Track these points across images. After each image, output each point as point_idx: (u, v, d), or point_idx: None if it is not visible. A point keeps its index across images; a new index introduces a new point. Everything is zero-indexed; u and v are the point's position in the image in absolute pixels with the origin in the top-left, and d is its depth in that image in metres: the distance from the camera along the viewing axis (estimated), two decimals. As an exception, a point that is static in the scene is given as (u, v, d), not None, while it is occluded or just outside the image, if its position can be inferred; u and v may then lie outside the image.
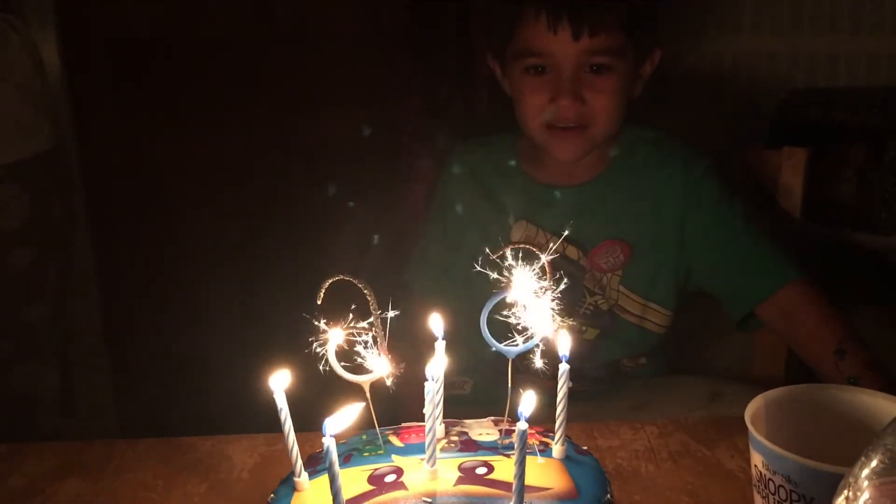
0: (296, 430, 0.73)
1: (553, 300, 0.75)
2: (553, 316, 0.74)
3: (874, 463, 0.48)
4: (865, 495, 0.47)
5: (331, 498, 0.62)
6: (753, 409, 0.71)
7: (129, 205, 1.73)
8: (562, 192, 1.33)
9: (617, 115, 1.26)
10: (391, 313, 0.72)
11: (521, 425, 0.63)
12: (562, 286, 0.75)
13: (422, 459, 0.72)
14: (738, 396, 1.15)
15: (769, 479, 0.67)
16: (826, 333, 1.19)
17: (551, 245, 1.28)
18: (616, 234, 1.30)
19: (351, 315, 0.72)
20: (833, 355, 1.15)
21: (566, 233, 1.29)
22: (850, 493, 0.48)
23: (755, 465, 0.69)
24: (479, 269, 0.76)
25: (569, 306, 1.29)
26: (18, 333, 1.40)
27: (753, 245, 1.27)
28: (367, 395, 0.74)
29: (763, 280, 1.25)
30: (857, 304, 1.66)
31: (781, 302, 1.24)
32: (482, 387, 1.34)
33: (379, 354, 0.73)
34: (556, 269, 1.29)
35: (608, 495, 0.72)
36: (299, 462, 0.73)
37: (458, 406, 0.88)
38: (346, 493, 0.68)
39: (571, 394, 1.26)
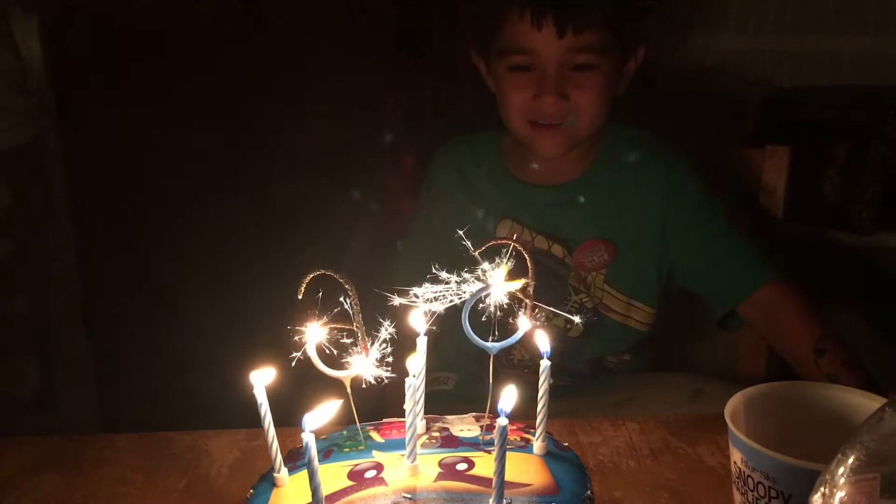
0: (276, 426, 0.73)
1: (534, 297, 0.74)
2: (536, 313, 0.74)
3: (851, 460, 0.48)
4: (842, 492, 0.47)
5: (310, 493, 0.62)
6: (733, 406, 0.72)
7: (113, 198, 1.71)
8: (545, 192, 1.33)
9: (601, 112, 1.26)
10: (385, 332, 0.71)
11: (502, 421, 0.63)
12: (540, 283, 0.74)
13: (402, 455, 0.72)
14: (719, 393, 1.15)
15: (748, 476, 0.67)
16: (805, 332, 1.19)
17: (533, 241, 1.29)
18: (600, 234, 1.30)
19: (329, 311, 0.71)
20: (812, 353, 1.16)
21: (550, 231, 1.30)
22: (827, 490, 0.48)
23: (735, 462, 0.70)
24: (474, 252, 0.75)
25: (554, 304, 1.30)
26: None
27: (733, 245, 1.27)
28: (348, 390, 0.73)
29: (743, 279, 1.26)
30: (839, 303, 1.68)
31: (761, 301, 1.25)
32: (465, 382, 1.34)
33: (360, 350, 0.72)
34: (541, 267, 1.30)
35: (588, 491, 0.72)
36: (279, 457, 0.72)
37: (441, 401, 0.88)
38: (326, 488, 0.67)
39: (554, 389, 1.25)
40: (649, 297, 1.32)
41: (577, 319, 0.94)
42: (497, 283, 0.73)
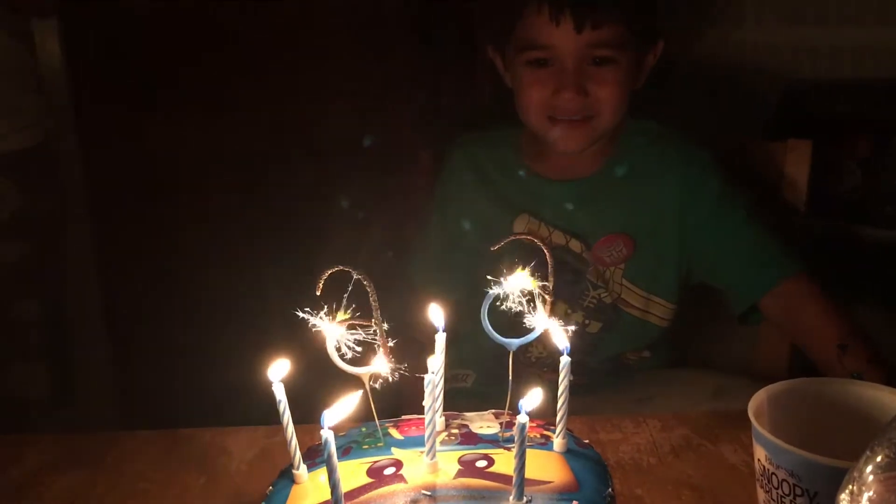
0: (295, 423, 0.73)
1: (552, 293, 0.74)
2: (554, 309, 0.73)
3: (879, 457, 0.47)
4: (870, 490, 0.46)
5: (329, 490, 0.62)
6: (756, 402, 0.71)
7: (130, 197, 1.72)
8: (563, 186, 1.32)
9: (620, 106, 1.25)
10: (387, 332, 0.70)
11: (522, 418, 0.63)
12: (558, 279, 0.74)
13: (421, 452, 0.71)
14: (742, 391, 1.14)
15: (772, 474, 0.66)
16: (828, 328, 1.18)
17: (551, 237, 1.28)
18: (618, 228, 1.29)
19: (349, 307, 0.71)
20: (835, 349, 1.14)
21: (568, 226, 1.29)
22: (855, 488, 0.47)
23: (758, 460, 0.69)
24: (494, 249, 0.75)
25: (572, 300, 1.29)
26: (10, 330, 1.40)
27: (755, 238, 1.26)
28: (367, 387, 0.73)
29: (764, 273, 1.24)
30: (862, 299, 1.66)
31: (783, 296, 1.23)
32: (484, 380, 1.34)
33: (378, 346, 0.72)
34: (559, 263, 1.29)
35: (609, 489, 0.71)
36: (298, 454, 0.72)
37: (460, 399, 0.87)
38: (345, 485, 0.67)
39: (573, 387, 1.24)
40: (668, 292, 1.31)
41: (571, 328, 0.76)
42: (514, 279, 0.73)
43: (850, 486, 0.48)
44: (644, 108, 1.31)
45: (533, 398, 0.65)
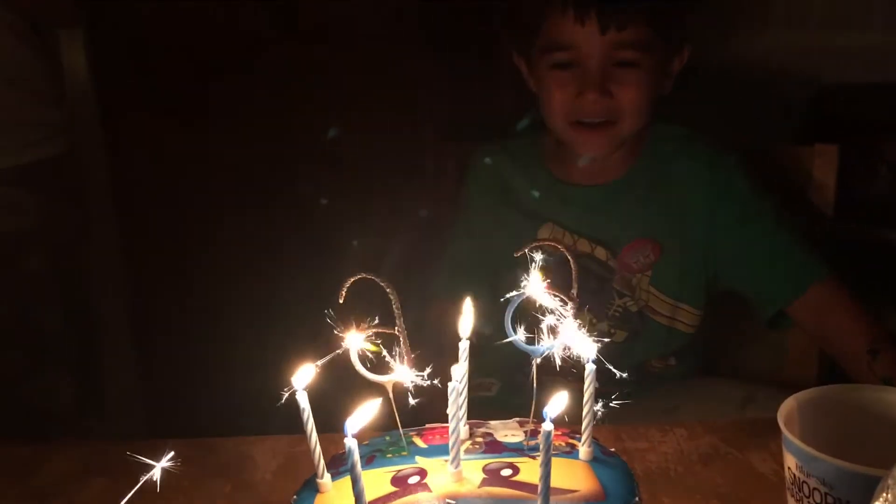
0: (319, 432, 0.72)
1: (577, 299, 0.73)
2: (579, 318, 0.73)
3: (914, 465, 0.46)
4: (905, 499, 0.45)
5: (353, 499, 0.61)
6: (786, 410, 0.70)
7: (156, 206, 1.73)
8: (589, 191, 1.31)
9: (644, 110, 1.24)
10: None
11: (547, 426, 0.62)
12: (582, 288, 0.73)
13: (446, 461, 0.71)
14: (770, 402, 1.12)
15: (803, 482, 0.65)
16: (858, 333, 1.16)
17: (576, 245, 1.27)
18: (645, 233, 1.28)
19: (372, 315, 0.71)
20: (866, 354, 1.13)
21: (593, 233, 1.28)
22: (890, 496, 0.46)
23: (789, 468, 0.68)
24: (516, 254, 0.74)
25: (597, 309, 1.28)
26: (34, 339, 1.41)
27: (783, 243, 1.24)
28: (391, 395, 0.73)
29: (793, 278, 1.23)
30: (891, 304, 1.63)
31: (812, 301, 1.22)
32: (509, 389, 1.33)
33: (402, 354, 0.72)
34: (584, 271, 1.28)
35: (636, 497, 0.70)
36: (322, 463, 0.72)
37: (484, 408, 0.87)
38: (369, 494, 0.67)
39: (599, 396, 1.23)
40: (695, 298, 1.30)
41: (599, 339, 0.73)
42: (535, 285, 0.72)
43: (885, 495, 0.47)
44: (670, 111, 1.30)
45: (557, 403, 0.64)
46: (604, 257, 1.28)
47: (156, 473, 0.69)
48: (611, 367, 0.72)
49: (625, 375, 0.73)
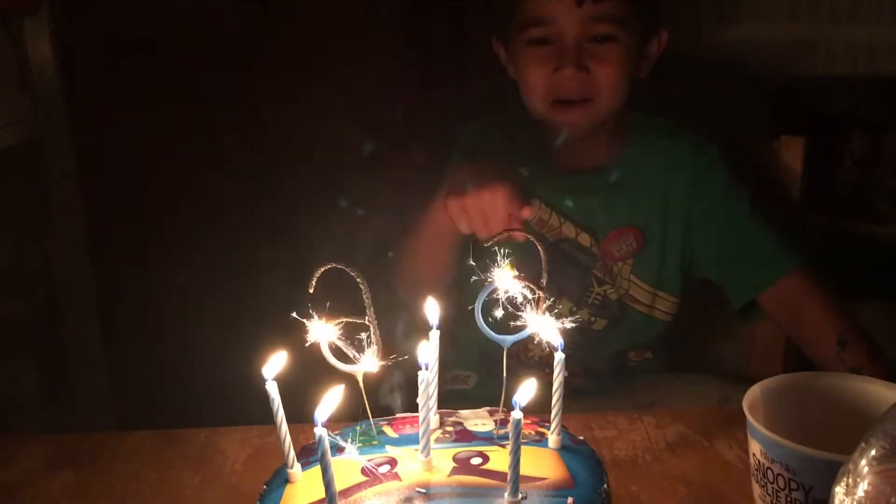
0: (290, 422, 0.72)
1: (547, 289, 0.73)
2: (551, 307, 0.73)
3: (874, 450, 0.47)
4: (865, 482, 0.46)
5: (323, 489, 0.61)
6: (751, 397, 0.71)
7: (122, 197, 1.71)
8: (575, 178, 1.31)
9: (621, 90, 1.24)
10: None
11: (516, 414, 0.62)
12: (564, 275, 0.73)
13: (416, 450, 0.71)
14: None
15: (768, 468, 0.66)
16: (828, 323, 1.18)
17: (561, 228, 1.27)
18: (629, 222, 1.29)
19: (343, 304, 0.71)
20: (835, 345, 1.14)
21: (579, 218, 1.28)
22: (850, 480, 0.47)
23: (753, 454, 0.69)
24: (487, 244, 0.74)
25: (577, 297, 1.29)
26: None
27: (758, 233, 1.26)
28: (361, 385, 0.73)
29: (766, 268, 1.24)
30: (859, 295, 1.66)
31: (783, 291, 1.23)
32: (486, 382, 1.33)
33: (372, 343, 0.72)
34: (566, 258, 1.28)
35: (605, 485, 0.71)
36: (292, 453, 0.72)
37: (460, 401, 0.87)
38: (339, 483, 0.67)
39: (575, 390, 1.24)
40: (673, 285, 1.31)
41: (566, 324, 0.74)
42: (503, 275, 0.72)
43: (846, 479, 0.47)
44: (641, 103, 1.30)
45: (526, 391, 0.64)
46: (588, 243, 1.29)
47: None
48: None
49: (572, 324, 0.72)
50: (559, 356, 0.73)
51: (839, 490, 0.48)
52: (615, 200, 1.30)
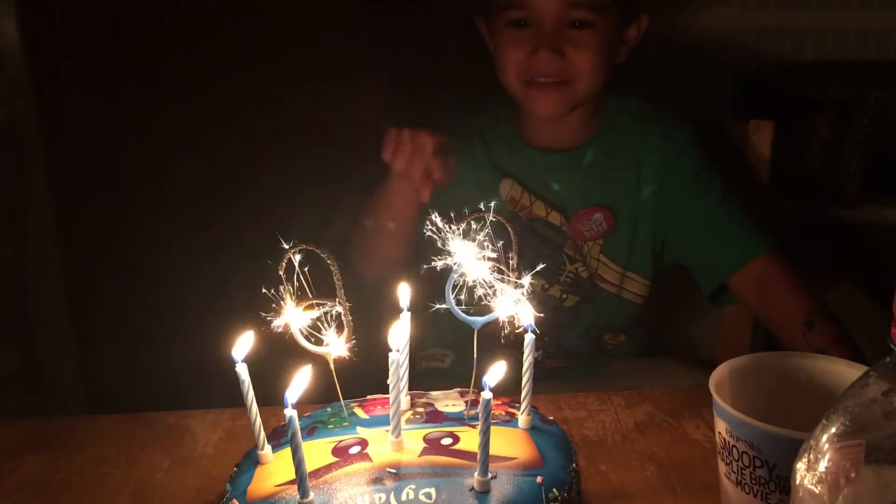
0: (261, 404, 0.72)
1: (518, 270, 0.74)
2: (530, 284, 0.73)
3: (835, 427, 0.48)
4: (826, 458, 0.47)
5: (293, 469, 0.61)
6: (718, 377, 0.71)
7: (92, 180, 1.69)
8: (548, 157, 1.31)
9: (598, 73, 1.24)
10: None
11: (486, 395, 0.63)
12: (535, 253, 0.74)
13: (387, 431, 0.71)
14: None
15: (733, 446, 0.67)
16: (795, 305, 1.20)
17: (532, 207, 1.28)
18: (600, 202, 1.30)
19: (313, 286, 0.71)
20: (801, 326, 1.16)
21: (550, 197, 1.28)
22: (812, 457, 0.48)
23: (719, 433, 0.70)
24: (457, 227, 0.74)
25: (549, 274, 1.29)
26: None
27: (727, 216, 1.27)
28: (332, 366, 0.73)
29: (735, 251, 1.26)
30: (828, 278, 1.68)
31: (752, 274, 1.25)
32: (462, 361, 1.34)
33: (343, 325, 0.72)
34: (537, 236, 1.29)
35: (573, 464, 0.72)
36: (262, 435, 0.72)
37: (436, 379, 0.87)
38: (310, 464, 0.67)
39: (550, 371, 1.25)
40: (644, 268, 1.32)
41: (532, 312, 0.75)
42: (468, 258, 0.72)
43: (807, 455, 0.48)
44: (617, 85, 1.31)
45: (496, 371, 0.65)
46: (558, 222, 1.30)
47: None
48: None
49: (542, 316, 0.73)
50: (529, 337, 0.74)
51: (801, 466, 0.49)
52: (586, 181, 1.30)
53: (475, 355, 0.76)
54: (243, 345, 0.71)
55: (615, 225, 1.30)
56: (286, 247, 0.71)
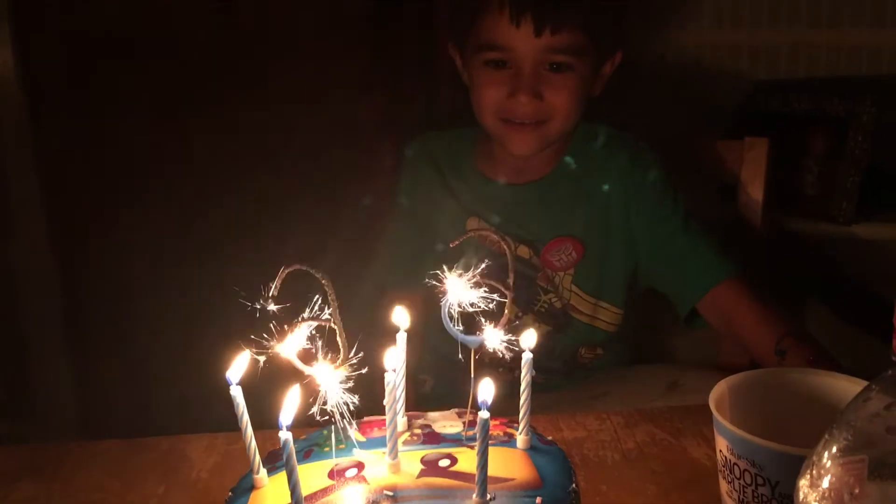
0: (257, 428, 0.71)
1: (514, 290, 0.73)
2: (513, 313, 0.73)
3: (837, 442, 0.47)
4: (830, 474, 0.46)
5: (289, 493, 0.60)
6: (717, 394, 0.71)
7: (87, 199, 1.69)
8: (513, 190, 1.32)
9: (574, 113, 1.25)
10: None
11: (484, 414, 0.62)
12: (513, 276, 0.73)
13: (384, 453, 0.70)
14: (696, 384, 1.14)
15: (734, 464, 0.66)
16: (765, 332, 1.17)
17: (499, 243, 1.28)
18: (567, 232, 1.29)
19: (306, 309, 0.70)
20: (774, 355, 1.14)
21: (516, 231, 1.28)
22: (815, 473, 0.47)
23: (720, 451, 0.69)
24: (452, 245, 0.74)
25: (524, 304, 1.29)
26: None
27: (690, 243, 1.26)
28: (325, 389, 0.72)
29: (699, 278, 1.25)
30: (818, 295, 1.68)
31: (718, 300, 1.23)
32: (443, 385, 1.33)
33: (338, 346, 0.71)
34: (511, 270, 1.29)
35: (573, 485, 0.71)
36: (257, 458, 0.71)
37: (420, 404, 0.86)
38: (306, 488, 0.66)
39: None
40: (616, 297, 1.32)
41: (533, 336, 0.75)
42: (454, 282, 0.72)
43: (810, 472, 0.48)
44: (602, 108, 1.31)
45: (486, 389, 0.64)
46: (527, 255, 1.29)
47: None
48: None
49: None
50: (526, 356, 0.73)
51: (804, 483, 0.48)
52: (554, 211, 1.30)
53: (472, 375, 0.76)
54: (238, 367, 0.70)
55: (584, 254, 1.29)
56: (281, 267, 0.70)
